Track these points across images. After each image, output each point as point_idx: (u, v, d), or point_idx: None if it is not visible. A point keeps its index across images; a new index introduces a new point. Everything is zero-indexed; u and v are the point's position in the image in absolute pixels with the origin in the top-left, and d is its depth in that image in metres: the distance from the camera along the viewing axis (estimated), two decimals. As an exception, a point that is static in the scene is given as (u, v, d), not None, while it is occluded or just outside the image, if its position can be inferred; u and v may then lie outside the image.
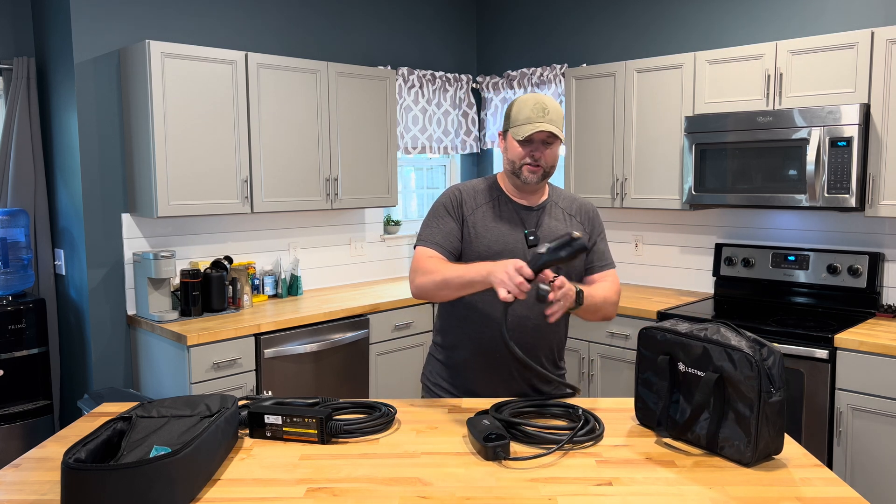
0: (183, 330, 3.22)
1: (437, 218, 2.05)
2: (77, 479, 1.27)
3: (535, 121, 1.93)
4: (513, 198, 2.08)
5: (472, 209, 2.05)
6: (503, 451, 1.57)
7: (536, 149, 1.97)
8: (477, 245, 2.02)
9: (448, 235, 2.02)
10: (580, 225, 2.10)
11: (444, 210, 2.06)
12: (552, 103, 1.97)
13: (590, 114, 4.09)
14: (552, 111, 1.95)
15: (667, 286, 4.22)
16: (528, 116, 1.94)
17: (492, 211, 2.05)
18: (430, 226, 2.05)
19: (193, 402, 1.63)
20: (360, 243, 4.52)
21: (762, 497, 1.40)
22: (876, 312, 3.34)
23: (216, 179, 3.50)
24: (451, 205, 2.06)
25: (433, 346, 2.21)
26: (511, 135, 1.98)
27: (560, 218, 2.08)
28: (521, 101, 1.98)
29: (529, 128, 1.93)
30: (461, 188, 2.10)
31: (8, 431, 3.31)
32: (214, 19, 3.81)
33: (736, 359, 1.55)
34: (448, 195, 2.08)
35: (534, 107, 1.94)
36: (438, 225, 2.04)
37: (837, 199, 3.13)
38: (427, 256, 1.99)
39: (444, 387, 2.13)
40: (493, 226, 2.03)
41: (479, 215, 2.05)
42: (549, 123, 1.94)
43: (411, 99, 4.64)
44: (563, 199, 2.14)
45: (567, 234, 1.75)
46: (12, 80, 3.49)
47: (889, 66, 3.04)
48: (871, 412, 2.89)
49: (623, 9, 4.30)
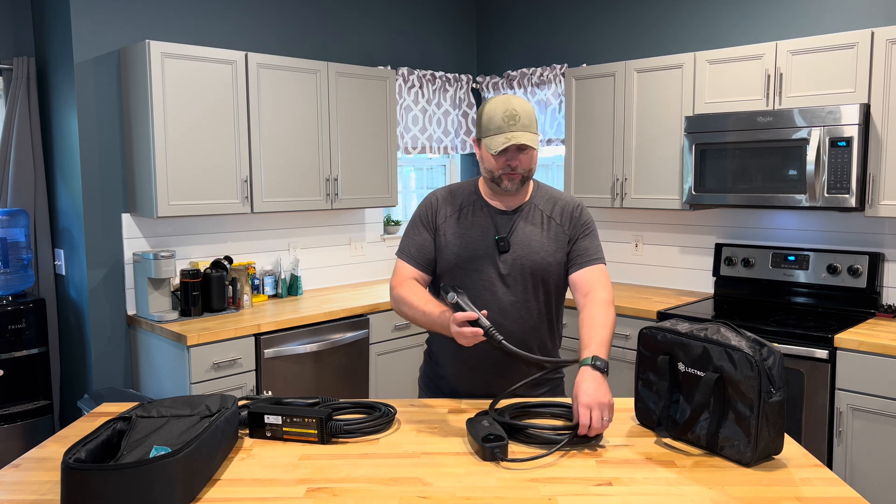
0: (183, 330, 3.22)
1: (414, 228, 2.08)
2: (77, 479, 1.27)
3: (506, 130, 1.87)
4: (490, 202, 2.04)
5: (444, 217, 2.05)
6: (501, 453, 1.57)
7: (512, 157, 1.92)
8: (447, 253, 2.02)
9: (421, 248, 2.04)
10: (559, 226, 2.03)
11: (418, 220, 2.08)
12: (522, 106, 1.90)
13: (590, 114, 4.09)
14: (523, 116, 1.88)
15: (667, 286, 4.22)
16: (498, 126, 1.88)
17: (465, 217, 2.03)
18: (408, 235, 2.09)
19: (193, 402, 1.63)
20: (360, 243, 4.52)
21: (762, 497, 1.40)
22: (876, 312, 3.34)
23: (216, 179, 3.50)
24: (426, 214, 2.07)
25: (427, 349, 2.21)
26: (484, 146, 1.93)
27: (537, 222, 2.03)
28: (491, 107, 1.91)
29: (502, 140, 1.87)
30: (439, 195, 2.09)
31: (8, 431, 3.30)
32: (214, 19, 3.81)
33: (736, 359, 1.55)
34: (424, 204, 2.10)
35: (504, 115, 1.88)
36: (413, 236, 2.06)
37: (837, 199, 3.13)
38: (402, 277, 2.03)
39: (441, 387, 2.12)
40: (463, 233, 2.02)
41: (450, 223, 2.04)
42: (522, 131, 1.88)
43: (411, 99, 4.63)
44: (544, 200, 2.07)
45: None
46: (12, 80, 3.49)
47: (889, 66, 3.04)
48: (871, 412, 2.89)
49: (623, 9, 4.30)
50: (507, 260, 1.99)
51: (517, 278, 2.00)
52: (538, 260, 2.00)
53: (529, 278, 2.01)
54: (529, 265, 2.00)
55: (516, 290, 2.00)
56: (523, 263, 1.99)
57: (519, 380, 2.01)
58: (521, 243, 2.00)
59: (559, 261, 2.02)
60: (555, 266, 2.02)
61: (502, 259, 1.99)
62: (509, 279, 1.99)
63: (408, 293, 1.96)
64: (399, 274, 2.05)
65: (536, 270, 2.00)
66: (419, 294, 1.96)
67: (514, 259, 1.99)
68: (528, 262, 2.00)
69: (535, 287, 2.02)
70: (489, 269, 1.99)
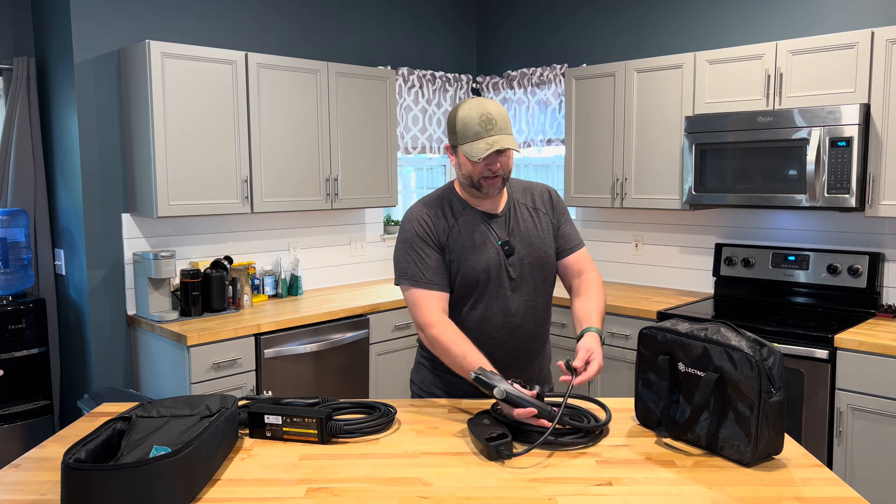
0: (183, 330, 3.22)
1: (416, 251, 1.95)
2: (77, 479, 1.27)
3: (485, 136, 1.85)
4: (477, 207, 2.01)
5: (445, 232, 1.97)
6: (506, 450, 1.57)
7: (492, 162, 1.89)
8: (462, 270, 1.96)
9: (437, 270, 1.94)
10: (546, 215, 2.07)
11: (420, 241, 1.95)
12: (496, 109, 1.88)
13: (590, 114, 4.09)
14: (500, 119, 1.87)
15: (667, 286, 4.22)
16: (476, 132, 1.86)
17: (464, 229, 1.98)
18: (412, 260, 1.94)
19: (193, 402, 1.63)
20: (360, 243, 4.52)
21: (762, 497, 1.40)
22: (876, 312, 3.34)
23: (216, 179, 3.50)
24: (425, 233, 1.96)
25: (421, 355, 2.16)
26: (463, 153, 1.89)
27: (527, 216, 2.05)
28: (465, 113, 1.88)
29: (483, 146, 1.84)
30: (424, 211, 1.99)
31: (8, 431, 3.30)
32: (214, 19, 3.81)
33: (736, 359, 1.55)
34: (415, 223, 1.97)
35: (480, 120, 1.85)
36: (420, 259, 1.94)
37: (837, 199, 3.13)
38: (432, 312, 1.89)
39: (435, 394, 2.12)
40: (470, 246, 1.97)
41: (453, 238, 1.97)
42: (501, 134, 1.86)
43: (411, 99, 4.63)
44: (520, 192, 2.08)
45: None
46: (12, 80, 3.49)
47: (889, 66, 3.04)
48: (871, 412, 2.89)
49: (623, 9, 4.30)
50: (514, 263, 2.00)
51: (526, 278, 2.01)
52: (541, 255, 2.02)
53: (538, 275, 2.03)
54: (535, 262, 2.02)
55: (526, 290, 2.01)
56: (530, 262, 2.01)
57: (529, 382, 2.06)
58: (523, 242, 2.01)
59: (553, 249, 2.06)
60: (552, 256, 2.06)
61: (510, 262, 1.99)
62: (519, 281, 2.00)
63: (444, 336, 1.85)
64: (426, 309, 1.90)
65: (541, 265, 2.03)
66: (455, 339, 1.85)
67: (520, 260, 2.00)
68: (533, 259, 2.01)
69: (542, 282, 2.04)
70: (501, 276, 1.99)
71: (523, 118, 4.74)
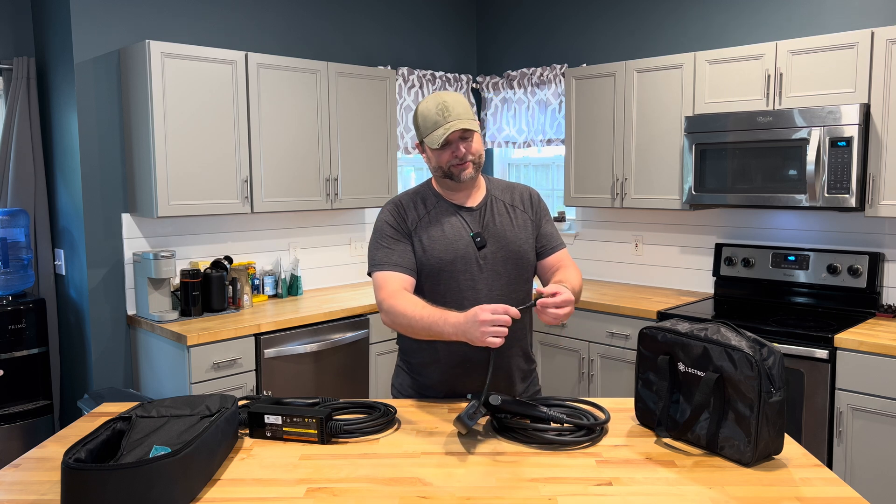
0: (183, 330, 3.22)
1: (385, 239, 2.00)
2: (77, 479, 1.27)
3: (442, 123, 1.91)
4: (452, 201, 2.04)
5: (414, 222, 2.01)
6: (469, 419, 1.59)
7: (457, 148, 1.94)
8: (429, 258, 1.98)
9: (403, 255, 1.98)
10: (524, 213, 2.08)
11: (390, 229, 2.01)
12: (452, 97, 1.93)
13: (590, 114, 4.09)
14: (456, 105, 1.92)
15: (667, 286, 4.22)
16: (435, 121, 1.91)
17: (435, 219, 2.01)
18: (381, 247, 1.99)
19: (193, 401, 1.64)
20: (360, 243, 4.52)
21: (762, 497, 1.40)
22: (876, 312, 3.34)
23: (216, 179, 3.50)
24: (395, 223, 2.01)
25: (400, 358, 2.16)
26: (427, 144, 1.95)
27: (503, 212, 2.06)
28: (423, 107, 1.95)
29: (441, 132, 1.90)
30: (400, 202, 2.05)
31: (8, 431, 3.31)
32: (214, 19, 3.81)
33: (736, 359, 1.55)
34: (387, 214, 2.03)
35: (436, 109, 1.91)
36: (390, 245, 1.99)
37: (837, 199, 3.13)
38: (392, 288, 1.92)
39: (413, 398, 2.10)
40: (439, 236, 1.99)
41: (423, 227, 2.01)
42: (458, 119, 1.91)
43: (411, 99, 4.63)
44: (500, 190, 2.11)
45: None
46: (12, 80, 3.49)
47: (889, 66, 3.04)
48: (871, 412, 2.89)
49: (623, 9, 4.30)
50: (486, 255, 2.00)
51: (500, 272, 2.01)
52: (515, 249, 2.03)
53: (512, 270, 2.03)
54: (508, 257, 2.02)
55: (499, 284, 2.01)
56: (503, 256, 2.01)
57: (504, 380, 2.05)
58: (496, 236, 2.02)
59: (533, 246, 2.07)
60: (530, 252, 2.06)
61: (481, 255, 2.00)
62: (491, 275, 2.00)
63: (401, 303, 1.87)
64: (387, 286, 1.93)
65: (516, 260, 2.03)
66: (414, 301, 1.87)
67: (492, 253, 2.01)
68: (507, 253, 2.02)
69: (517, 279, 2.04)
70: (471, 268, 1.99)
71: (523, 118, 4.74)
